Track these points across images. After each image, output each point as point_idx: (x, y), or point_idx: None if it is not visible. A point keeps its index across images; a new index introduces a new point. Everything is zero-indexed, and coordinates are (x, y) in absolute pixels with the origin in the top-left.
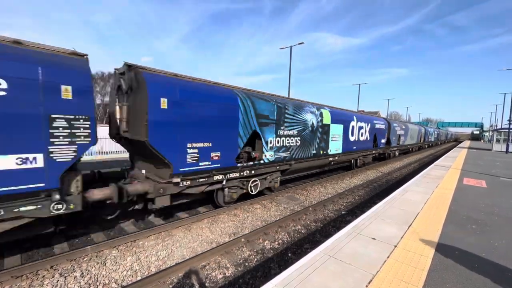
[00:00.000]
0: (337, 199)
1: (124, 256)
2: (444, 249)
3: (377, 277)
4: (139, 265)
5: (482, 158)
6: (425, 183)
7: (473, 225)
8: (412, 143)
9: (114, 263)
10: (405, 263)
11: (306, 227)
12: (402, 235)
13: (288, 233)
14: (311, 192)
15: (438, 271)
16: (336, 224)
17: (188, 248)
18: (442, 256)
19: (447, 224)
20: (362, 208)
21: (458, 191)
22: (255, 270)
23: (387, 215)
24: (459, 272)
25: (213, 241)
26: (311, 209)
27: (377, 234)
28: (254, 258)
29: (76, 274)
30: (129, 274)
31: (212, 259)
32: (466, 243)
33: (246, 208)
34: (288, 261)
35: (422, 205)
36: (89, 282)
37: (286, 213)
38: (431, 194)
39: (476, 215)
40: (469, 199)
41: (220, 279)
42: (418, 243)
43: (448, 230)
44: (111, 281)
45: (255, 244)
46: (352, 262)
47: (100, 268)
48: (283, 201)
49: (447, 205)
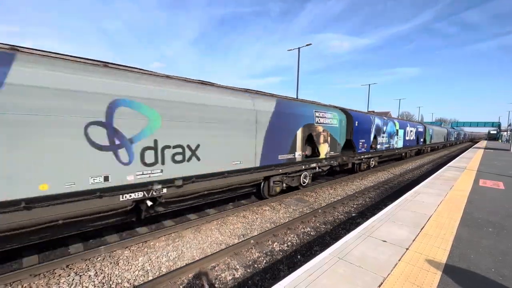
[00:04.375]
0: (347, 201)
1: (136, 257)
2: (459, 252)
3: (387, 280)
4: (151, 265)
5: (499, 158)
6: (439, 184)
7: (489, 228)
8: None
9: (127, 263)
10: (417, 266)
11: (315, 229)
12: (414, 238)
13: (297, 235)
14: (320, 194)
15: (452, 275)
16: (346, 226)
17: (198, 249)
18: (456, 259)
19: (462, 227)
20: (372, 210)
21: (474, 193)
22: (264, 272)
23: (398, 217)
24: (474, 276)
25: (222, 243)
26: (320, 211)
27: (388, 236)
28: (263, 259)
29: (91, 273)
30: (141, 274)
31: (221, 260)
32: (482, 246)
33: (254, 210)
34: (297, 263)
35: (435, 208)
36: (103, 281)
37: (295, 215)
38: (444, 196)
39: (493, 218)
40: (485, 201)
41: (229, 280)
42: (431, 246)
43: (463, 233)
44: (123, 281)
45: (264, 245)
46: (362, 264)
47: (113, 267)
48: (292, 203)
49: (462, 208)
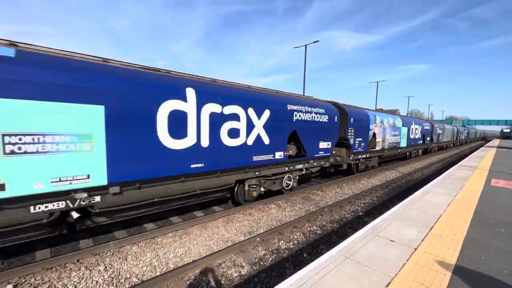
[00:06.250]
0: (354, 200)
1: (144, 252)
2: (469, 253)
3: (395, 281)
4: (158, 261)
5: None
6: (449, 184)
7: (502, 229)
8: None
9: (135, 259)
10: (426, 267)
11: (321, 228)
12: (423, 238)
13: (303, 233)
14: (327, 193)
15: (462, 276)
16: (353, 226)
17: (204, 246)
18: (466, 260)
19: (473, 227)
20: (380, 209)
21: (486, 192)
22: (270, 270)
23: (407, 217)
24: (485, 278)
25: (229, 240)
26: (327, 209)
27: (396, 236)
28: (269, 257)
29: (100, 268)
30: (148, 270)
31: (227, 257)
32: (494, 247)
33: (261, 208)
34: (303, 262)
35: (445, 207)
36: (112, 275)
37: (301, 213)
38: (455, 196)
39: (505, 218)
40: (497, 201)
41: (235, 277)
42: (440, 246)
43: (474, 233)
44: (132, 276)
45: (270, 243)
46: (369, 264)
47: (122, 263)
48: (298, 201)
49: (473, 208)
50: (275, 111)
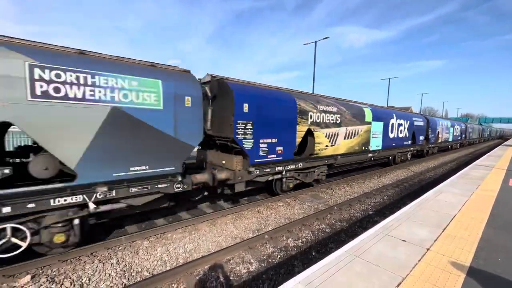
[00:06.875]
0: (364, 198)
1: (155, 247)
2: (484, 255)
3: (406, 281)
4: (168, 256)
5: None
6: (463, 184)
7: None
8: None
9: (146, 253)
10: (439, 268)
11: (330, 226)
12: (436, 238)
13: (312, 231)
14: (336, 191)
15: (477, 278)
16: (363, 225)
17: (213, 242)
18: (481, 262)
19: (488, 229)
20: (391, 208)
21: (503, 193)
22: (278, 267)
23: (419, 216)
24: (501, 281)
25: (237, 237)
26: (336, 208)
27: (407, 236)
28: (278, 255)
29: (113, 261)
30: (159, 264)
31: (236, 253)
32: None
33: (269, 205)
34: (312, 260)
35: (460, 207)
36: (124, 269)
37: (310, 211)
38: (470, 196)
39: None
40: None
41: (244, 273)
42: (454, 247)
43: (489, 234)
44: (143, 269)
45: (278, 241)
46: (379, 263)
47: (133, 257)
48: (307, 199)
49: (489, 208)
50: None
